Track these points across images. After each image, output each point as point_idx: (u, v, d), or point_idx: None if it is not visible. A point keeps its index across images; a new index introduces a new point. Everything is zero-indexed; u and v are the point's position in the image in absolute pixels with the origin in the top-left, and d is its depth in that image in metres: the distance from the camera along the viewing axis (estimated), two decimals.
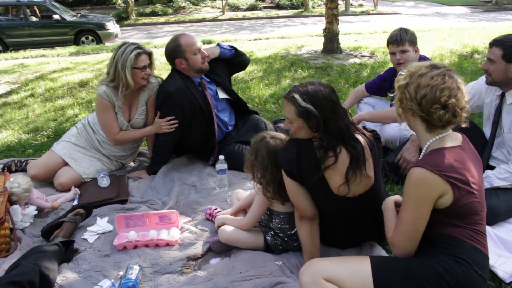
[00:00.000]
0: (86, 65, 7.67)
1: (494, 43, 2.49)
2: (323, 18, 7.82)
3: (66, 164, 3.07)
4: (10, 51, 11.53)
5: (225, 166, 2.89)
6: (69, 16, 13.00)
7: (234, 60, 3.25)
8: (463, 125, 1.74)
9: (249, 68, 6.75)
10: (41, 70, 7.26)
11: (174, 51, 2.97)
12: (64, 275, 2.16)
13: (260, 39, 11.44)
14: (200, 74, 3.07)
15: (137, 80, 2.97)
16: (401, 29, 3.22)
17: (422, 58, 3.25)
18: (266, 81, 5.82)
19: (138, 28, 18.40)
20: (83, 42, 12.74)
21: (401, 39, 3.14)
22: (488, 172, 2.56)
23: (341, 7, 19.54)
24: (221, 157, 2.91)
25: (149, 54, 3.00)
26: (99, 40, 12.77)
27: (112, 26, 13.15)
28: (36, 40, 12.31)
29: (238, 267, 2.14)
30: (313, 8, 20.28)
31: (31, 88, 5.93)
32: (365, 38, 9.92)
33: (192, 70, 3.02)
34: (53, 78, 6.48)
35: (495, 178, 2.52)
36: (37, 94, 5.60)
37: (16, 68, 7.54)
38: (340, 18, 7.73)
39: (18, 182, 2.56)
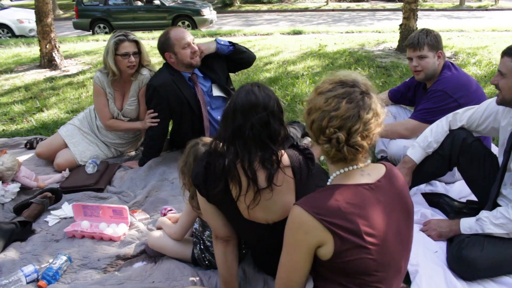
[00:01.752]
0: None
1: (506, 53, 2.00)
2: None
3: (67, 146, 3.23)
4: (114, 32, 12.63)
5: None
6: (169, 1, 13.74)
7: (232, 57, 3.10)
8: (360, 165, 1.39)
9: (310, 62, 6.47)
10: None
11: (164, 44, 2.93)
12: (6, 253, 2.28)
13: (352, 32, 10.89)
14: (190, 69, 2.99)
15: (122, 67, 3.01)
16: (422, 30, 2.76)
17: (447, 66, 2.76)
18: (318, 78, 5.51)
19: (238, 15, 18.84)
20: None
21: (419, 43, 2.70)
22: (483, 214, 2.09)
23: (456, 1, 17.78)
24: None
25: (136, 43, 3.01)
26: (194, 25, 13.32)
27: (208, 12, 13.62)
28: (138, 24, 13.30)
29: (154, 275, 2.05)
30: (424, 1, 18.71)
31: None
32: (463, 36, 8.83)
33: (181, 65, 2.95)
34: None
35: (489, 222, 2.04)
36: None
37: (101, 50, 8.19)
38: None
39: (2, 160, 2.76)
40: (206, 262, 2.10)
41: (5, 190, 2.76)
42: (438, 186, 2.75)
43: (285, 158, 1.76)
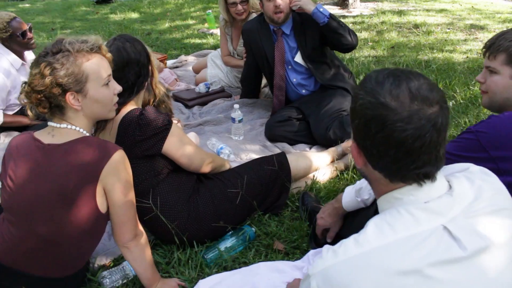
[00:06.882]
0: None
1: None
2: None
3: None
4: None
5: (236, 115, 2.87)
6: None
7: (324, 31, 2.73)
8: (53, 124, 1.50)
9: None
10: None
11: None
12: None
13: None
14: (273, 24, 2.87)
15: (233, 15, 3.34)
16: (510, 30, 1.67)
17: None
18: None
19: None
20: None
21: (492, 47, 1.68)
22: None
23: None
24: (236, 105, 2.89)
25: None
26: None
27: None
28: None
29: None
30: None
31: None
32: None
33: (265, 16, 2.88)
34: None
35: None
36: None
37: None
38: None
39: None
40: None
41: None
42: None
43: (125, 110, 1.83)
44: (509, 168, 1.52)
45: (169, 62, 4.42)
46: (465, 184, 1.02)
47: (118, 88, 1.60)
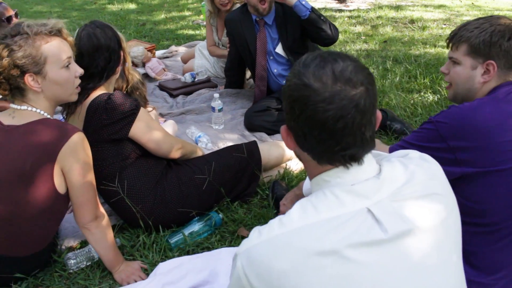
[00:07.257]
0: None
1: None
2: None
3: None
4: None
5: (216, 104, 2.87)
6: None
7: (305, 23, 2.72)
8: (13, 106, 1.54)
9: None
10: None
11: None
12: None
13: None
14: (256, 13, 2.86)
15: (217, 6, 3.36)
16: (481, 18, 1.66)
17: (499, 91, 1.61)
18: None
19: None
20: None
21: (455, 38, 1.67)
22: None
23: None
24: (216, 95, 2.90)
25: None
26: None
27: None
28: None
29: None
30: None
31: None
32: None
33: (249, 6, 2.88)
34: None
35: None
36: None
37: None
38: None
39: (134, 50, 3.72)
40: None
41: None
42: None
43: (94, 94, 1.85)
44: (467, 158, 1.53)
45: (159, 52, 4.43)
46: (397, 169, 1.03)
47: (80, 70, 1.62)
